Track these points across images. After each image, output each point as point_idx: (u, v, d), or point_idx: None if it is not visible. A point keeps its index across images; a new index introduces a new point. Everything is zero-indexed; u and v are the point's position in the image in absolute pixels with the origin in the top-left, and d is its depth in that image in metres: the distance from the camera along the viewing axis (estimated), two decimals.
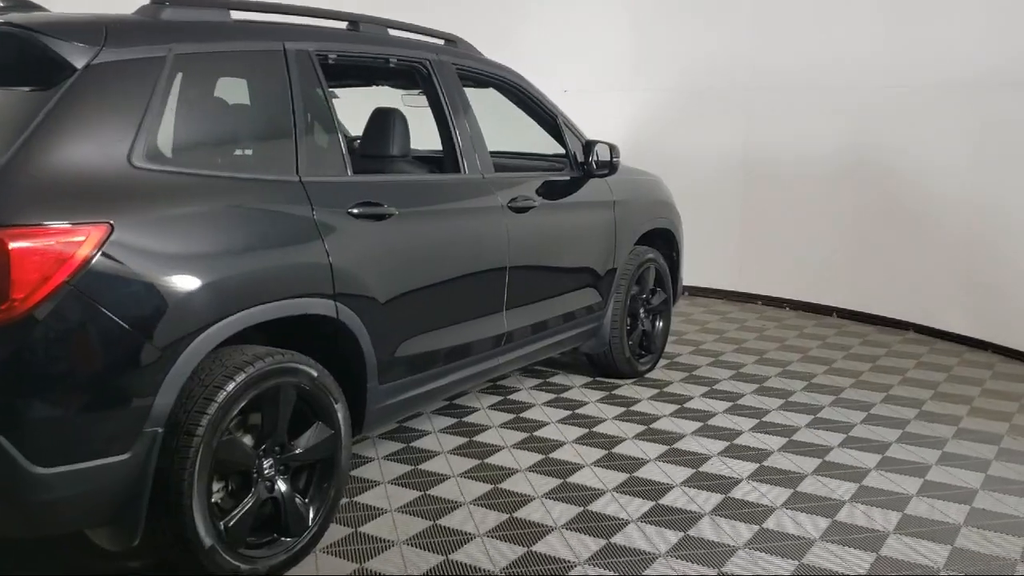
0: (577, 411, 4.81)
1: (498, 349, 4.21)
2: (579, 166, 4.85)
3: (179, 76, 2.93)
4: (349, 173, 3.43)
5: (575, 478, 3.92)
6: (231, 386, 2.86)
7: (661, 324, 5.61)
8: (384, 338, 3.47)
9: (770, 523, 3.51)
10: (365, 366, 3.39)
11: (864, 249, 6.98)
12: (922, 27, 6.47)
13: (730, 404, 4.96)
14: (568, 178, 4.83)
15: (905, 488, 3.86)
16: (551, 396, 5.05)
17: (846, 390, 5.27)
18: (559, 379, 5.37)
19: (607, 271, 5.02)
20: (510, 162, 5.12)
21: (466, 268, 3.90)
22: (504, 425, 4.56)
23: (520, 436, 4.41)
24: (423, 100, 4.23)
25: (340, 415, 3.26)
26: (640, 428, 4.56)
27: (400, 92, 4.88)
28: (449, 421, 4.60)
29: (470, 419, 4.64)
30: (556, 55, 8.29)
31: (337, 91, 5.36)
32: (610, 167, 4.81)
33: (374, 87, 5.08)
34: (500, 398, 4.99)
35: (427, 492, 3.74)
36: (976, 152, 6.17)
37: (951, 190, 6.36)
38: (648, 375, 5.47)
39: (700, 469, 4.04)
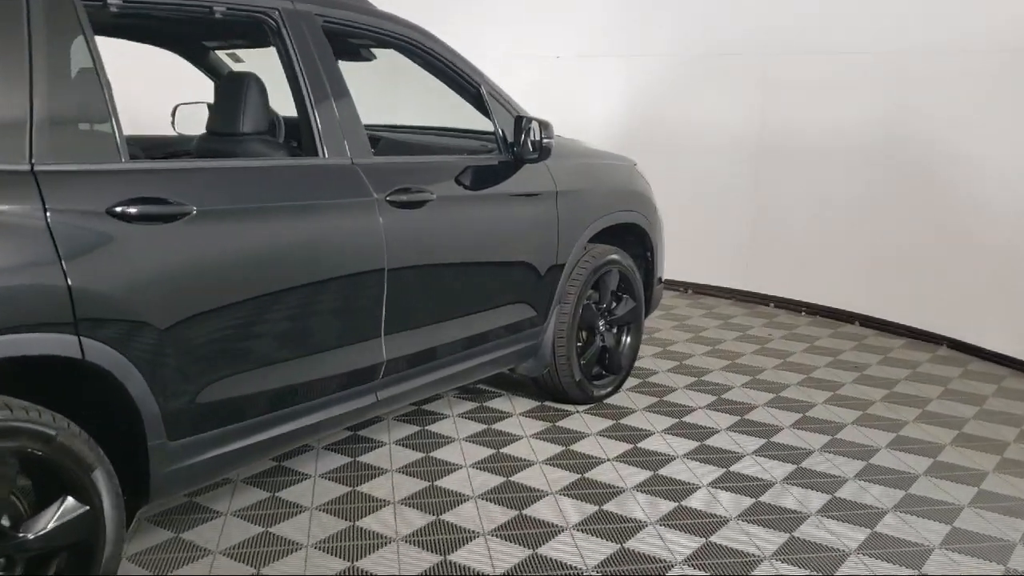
0: (502, 450, 3.91)
1: (374, 383, 3.31)
2: (508, 148, 3.90)
3: None
4: (122, 160, 2.55)
5: (464, 552, 3.03)
6: None
7: (629, 339, 4.64)
8: (173, 381, 2.60)
9: None
10: (141, 419, 2.54)
11: (894, 247, 5.87)
12: None
13: (695, 445, 4.01)
14: (495, 163, 3.89)
15: None
16: (479, 428, 4.16)
17: (845, 428, 4.25)
18: (498, 403, 4.47)
19: (547, 278, 4.08)
20: (430, 141, 4.20)
21: (307, 281, 2.97)
22: (404, 470, 3.69)
23: (418, 486, 3.54)
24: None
25: (101, 486, 2.44)
26: (573, 477, 3.65)
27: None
28: (342, 460, 3.74)
29: (366, 459, 3.78)
30: (544, 15, 7.27)
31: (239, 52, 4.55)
32: (540, 150, 3.84)
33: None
34: (416, 429, 4.11)
35: (269, 563, 2.90)
36: None
37: (1001, 180, 5.24)
38: (607, 400, 4.53)
39: (626, 545, 3.12)
